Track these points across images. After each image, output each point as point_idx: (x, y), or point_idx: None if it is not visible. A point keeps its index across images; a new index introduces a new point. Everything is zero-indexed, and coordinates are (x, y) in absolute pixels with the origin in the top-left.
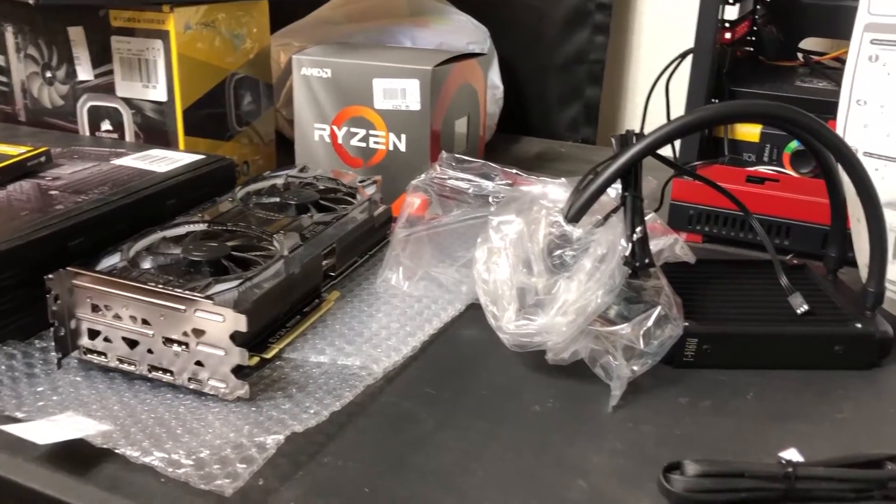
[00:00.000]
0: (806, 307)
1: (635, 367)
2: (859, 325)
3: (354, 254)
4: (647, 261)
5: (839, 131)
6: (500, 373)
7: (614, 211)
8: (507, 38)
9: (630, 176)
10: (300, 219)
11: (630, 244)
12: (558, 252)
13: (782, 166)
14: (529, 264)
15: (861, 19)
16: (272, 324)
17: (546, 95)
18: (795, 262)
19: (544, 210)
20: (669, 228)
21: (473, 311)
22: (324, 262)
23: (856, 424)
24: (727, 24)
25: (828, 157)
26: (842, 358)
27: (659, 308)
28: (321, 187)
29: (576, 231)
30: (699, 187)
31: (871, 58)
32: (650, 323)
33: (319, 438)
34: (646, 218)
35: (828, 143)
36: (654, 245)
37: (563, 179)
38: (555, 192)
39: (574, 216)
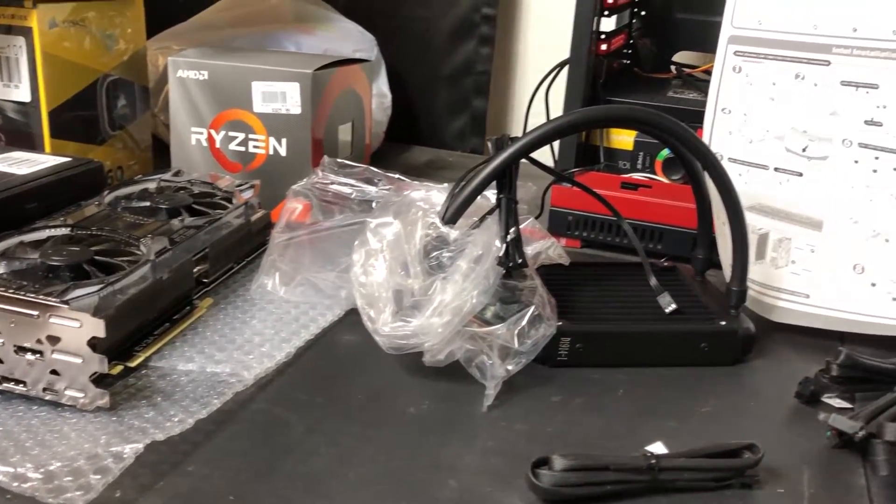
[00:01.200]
0: (674, 306)
1: (510, 367)
2: (723, 323)
3: (230, 260)
4: (520, 260)
5: (706, 139)
6: (376, 376)
7: (490, 213)
8: (395, 48)
9: (505, 179)
10: (170, 223)
11: (504, 245)
12: (435, 254)
13: (655, 173)
14: (406, 266)
15: (725, 32)
16: (138, 331)
17: (434, 105)
18: (666, 264)
19: (421, 212)
20: (547, 233)
21: (353, 316)
22: (196, 268)
23: (719, 418)
24: (603, 36)
25: (693, 162)
26: (708, 355)
27: (533, 308)
28: (196, 191)
29: (452, 233)
30: (577, 194)
31: (734, 69)
32: (524, 322)
33: (184, 447)
34: (525, 223)
35: (692, 148)
36: (532, 248)
37: (444, 185)
38: (435, 196)
39: (450, 218)
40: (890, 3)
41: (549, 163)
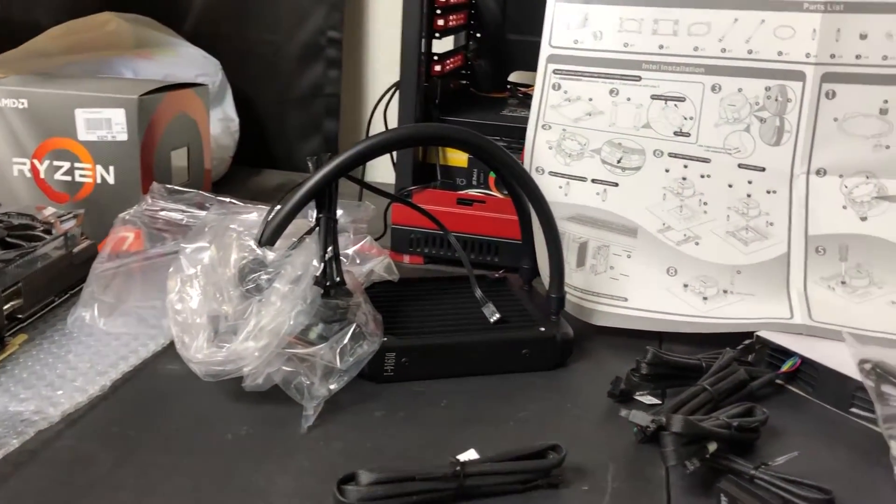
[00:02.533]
0: (497, 316)
1: (332, 386)
2: (543, 329)
3: (49, 293)
4: (338, 279)
5: (527, 154)
6: (196, 405)
7: (308, 233)
8: (243, 72)
9: (324, 198)
10: None
11: (322, 264)
12: (253, 276)
13: (489, 188)
14: (221, 291)
15: (544, 51)
16: None
17: (285, 128)
18: (497, 275)
19: (236, 235)
20: (383, 250)
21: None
22: (9, 304)
23: (536, 421)
24: (436, 57)
25: (511, 182)
26: (530, 360)
27: (354, 325)
28: (14, 223)
29: (269, 254)
30: (416, 212)
31: (554, 86)
32: (346, 340)
33: None
34: (361, 241)
35: (501, 162)
36: (367, 266)
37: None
38: (256, 217)
39: (267, 240)
40: (690, 23)
41: (391, 180)
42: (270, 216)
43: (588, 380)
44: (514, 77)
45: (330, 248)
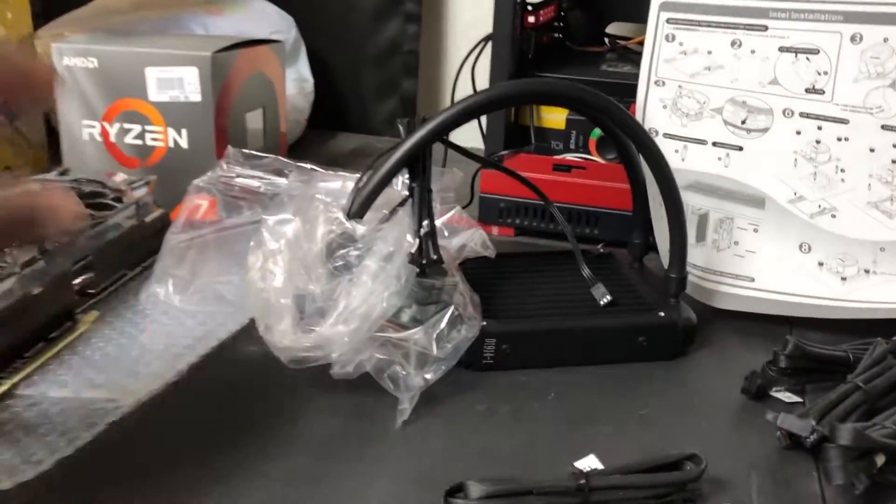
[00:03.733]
0: (608, 298)
1: (428, 375)
2: (662, 314)
3: (121, 266)
4: (435, 257)
5: (638, 113)
6: (279, 394)
7: (401, 204)
8: (316, 29)
9: (417, 165)
10: None
11: (417, 240)
12: (341, 253)
13: (589, 153)
14: (308, 268)
15: None
16: (6, 354)
17: (361, 89)
18: (602, 250)
19: (323, 206)
20: (473, 222)
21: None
22: (79, 279)
23: (659, 420)
24: (530, 8)
25: (625, 140)
26: (647, 349)
27: (452, 308)
28: (85, 191)
29: (359, 228)
30: (508, 179)
31: (667, 37)
32: (443, 325)
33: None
34: (450, 213)
35: (621, 123)
36: (457, 240)
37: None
38: (345, 187)
39: (356, 212)
40: None
41: (479, 144)
42: (360, 185)
43: (714, 372)
44: (612, 29)
45: (425, 223)
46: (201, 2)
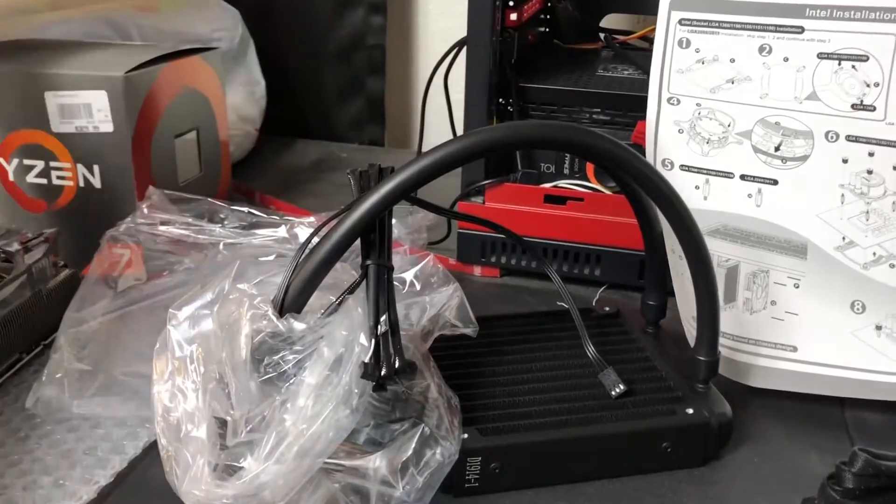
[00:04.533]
0: (622, 388)
1: None
2: (690, 412)
3: (13, 350)
4: (396, 366)
5: (649, 140)
6: None
7: (350, 291)
8: (268, 22)
9: (373, 235)
10: None
11: (373, 341)
12: (273, 359)
13: (587, 179)
14: (229, 384)
15: None
16: None
17: (321, 89)
18: (608, 310)
19: (246, 298)
20: (450, 275)
21: None
22: None
23: None
24: (511, 3)
25: (635, 187)
26: (671, 456)
27: (422, 427)
28: None
29: (295, 325)
30: (491, 212)
31: (681, 43)
32: (410, 449)
33: None
34: (422, 261)
35: (633, 173)
36: (429, 302)
37: (310, 219)
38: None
39: (291, 305)
40: None
41: None
42: (295, 266)
43: (757, 486)
44: (606, 22)
45: (383, 318)
46: None
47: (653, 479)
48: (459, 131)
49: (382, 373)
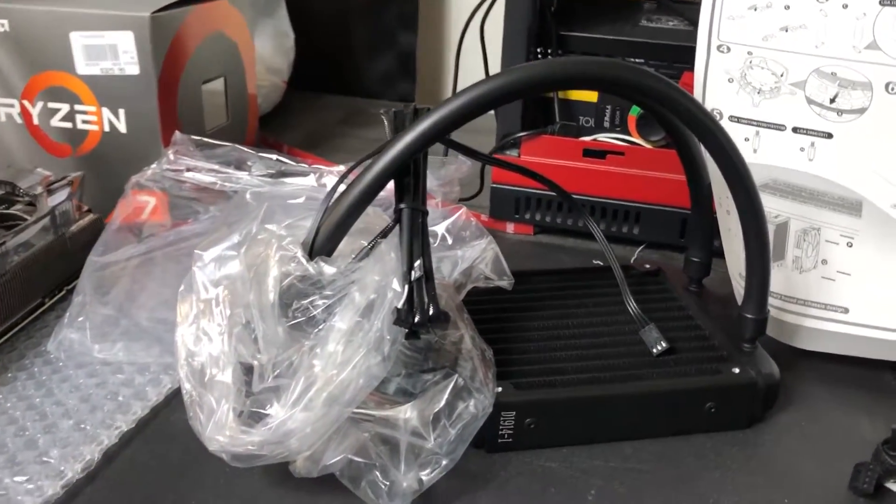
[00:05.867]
0: (664, 345)
1: (423, 476)
2: (737, 371)
3: (34, 295)
4: (430, 312)
5: (698, 89)
6: (222, 489)
7: (383, 235)
8: None
9: (408, 178)
10: None
11: (406, 287)
12: (302, 304)
13: (628, 133)
14: (256, 327)
15: None
16: None
17: (351, 44)
18: (648, 267)
19: (275, 239)
20: (483, 228)
21: None
22: None
23: None
24: None
25: (685, 133)
26: (716, 417)
27: (455, 377)
28: None
29: (326, 269)
30: (527, 165)
31: None
32: (443, 401)
33: None
34: (454, 214)
35: (686, 117)
36: (461, 256)
37: (340, 167)
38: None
39: (321, 247)
40: None
41: (486, 120)
42: (323, 213)
43: (806, 450)
44: None
45: (418, 263)
46: None
47: (695, 440)
48: None
49: (416, 320)
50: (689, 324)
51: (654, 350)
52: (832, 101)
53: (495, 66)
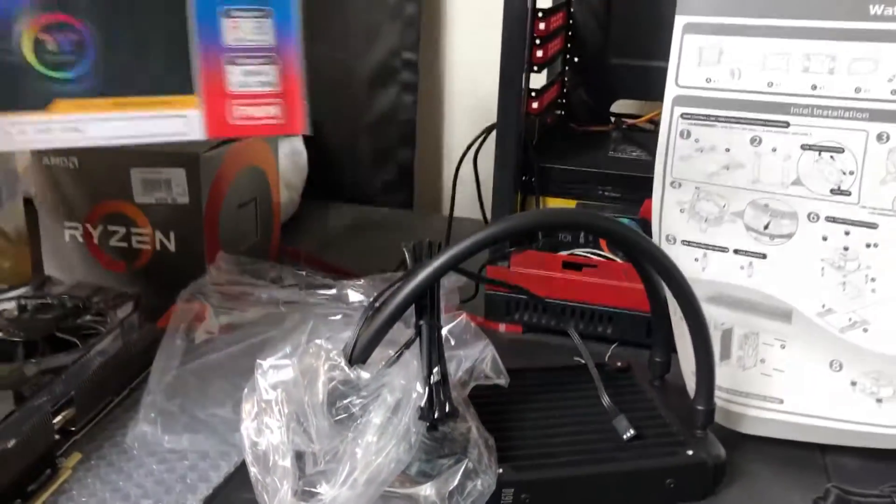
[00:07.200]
0: (632, 432)
1: None
2: (691, 453)
3: (105, 395)
4: (447, 410)
5: (654, 218)
6: None
7: (407, 346)
8: (310, 94)
9: (426, 299)
10: (23, 367)
11: (426, 389)
12: (344, 403)
13: (600, 248)
14: (308, 422)
15: (670, 92)
16: None
17: (356, 157)
18: (620, 364)
19: (323, 350)
20: (480, 332)
21: None
22: (59, 417)
23: None
24: (533, 94)
25: (646, 266)
26: (675, 491)
27: (466, 461)
28: (67, 307)
29: (362, 374)
30: (514, 275)
31: (682, 134)
32: (457, 480)
33: None
34: (454, 320)
35: (636, 250)
36: (464, 356)
37: (360, 281)
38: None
39: (358, 356)
40: (851, 58)
41: (473, 214)
42: (362, 326)
43: None
44: (617, 107)
45: (436, 370)
46: None
47: None
48: (486, 203)
49: (436, 416)
50: (652, 413)
51: (625, 436)
52: (766, 227)
53: (486, 193)
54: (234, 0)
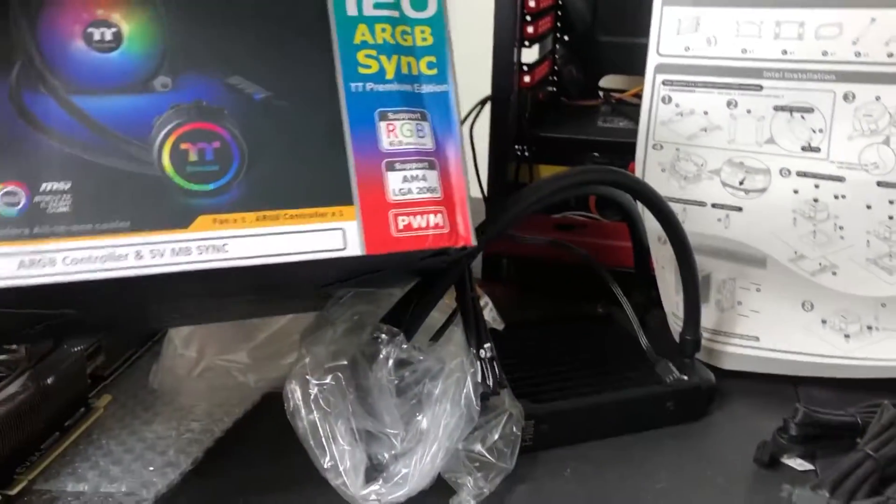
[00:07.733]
0: (675, 376)
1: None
2: (686, 378)
3: (130, 346)
4: (500, 382)
5: (639, 176)
6: (302, 476)
7: (450, 319)
8: None
9: (466, 274)
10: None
11: (479, 364)
12: (404, 382)
13: (588, 210)
14: (375, 403)
15: (651, 61)
16: (22, 448)
17: None
18: (600, 310)
19: (379, 331)
20: (479, 289)
21: (266, 401)
22: (91, 363)
23: (675, 496)
24: (525, 68)
25: (631, 212)
26: (674, 414)
27: (507, 412)
28: None
29: (415, 353)
30: (507, 238)
31: (664, 99)
32: (499, 432)
33: None
34: None
35: (644, 197)
36: None
37: None
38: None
39: (409, 332)
40: (818, 24)
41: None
42: (411, 302)
43: (726, 438)
44: (606, 82)
45: (488, 346)
46: None
47: (646, 437)
48: (482, 172)
49: (490, 389)
50: (641, 351)
51: (668, 379)
52: (741, 183)
53: (482, 163)
54: (390, 101)
